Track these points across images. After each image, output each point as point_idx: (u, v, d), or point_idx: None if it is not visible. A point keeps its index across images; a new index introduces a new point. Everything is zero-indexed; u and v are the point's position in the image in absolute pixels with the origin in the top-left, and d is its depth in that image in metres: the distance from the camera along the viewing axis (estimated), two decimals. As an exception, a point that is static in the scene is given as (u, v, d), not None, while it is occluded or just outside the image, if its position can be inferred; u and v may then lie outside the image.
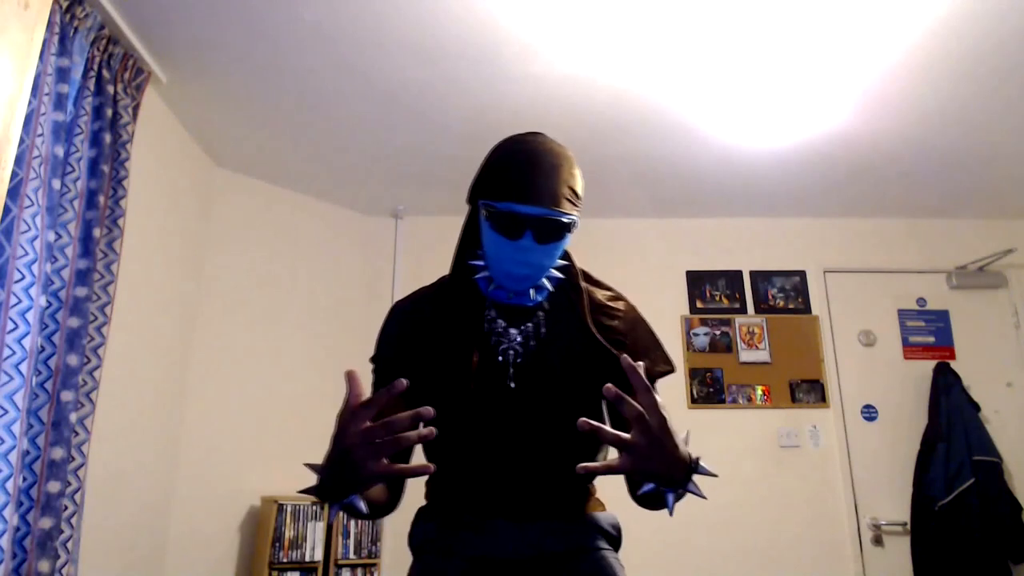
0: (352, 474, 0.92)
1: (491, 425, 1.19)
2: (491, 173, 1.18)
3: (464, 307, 1.24)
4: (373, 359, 1.30)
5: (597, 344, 1.21)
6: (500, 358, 1.20)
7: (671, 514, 1.01)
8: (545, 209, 1.13)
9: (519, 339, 1.22)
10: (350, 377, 0.93)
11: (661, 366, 1.26)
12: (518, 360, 1.20)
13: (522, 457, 1.19)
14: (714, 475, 0.98)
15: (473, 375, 1.19)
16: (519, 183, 1.13)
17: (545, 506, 1.21)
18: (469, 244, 1.26)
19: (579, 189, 1.19)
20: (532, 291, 1.22)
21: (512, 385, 1.19)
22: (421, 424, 0.91)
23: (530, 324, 1.23)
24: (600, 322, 1.25)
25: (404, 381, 0.87)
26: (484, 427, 1.20)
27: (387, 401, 0.90)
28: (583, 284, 1.27)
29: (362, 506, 0.97)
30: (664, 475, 0.95)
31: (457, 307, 1.24)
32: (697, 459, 0.98)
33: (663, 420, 0.92)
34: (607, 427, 0.91)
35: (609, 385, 0.90)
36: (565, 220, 1.15)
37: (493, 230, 1.16)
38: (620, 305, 1.30)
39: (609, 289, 1.33)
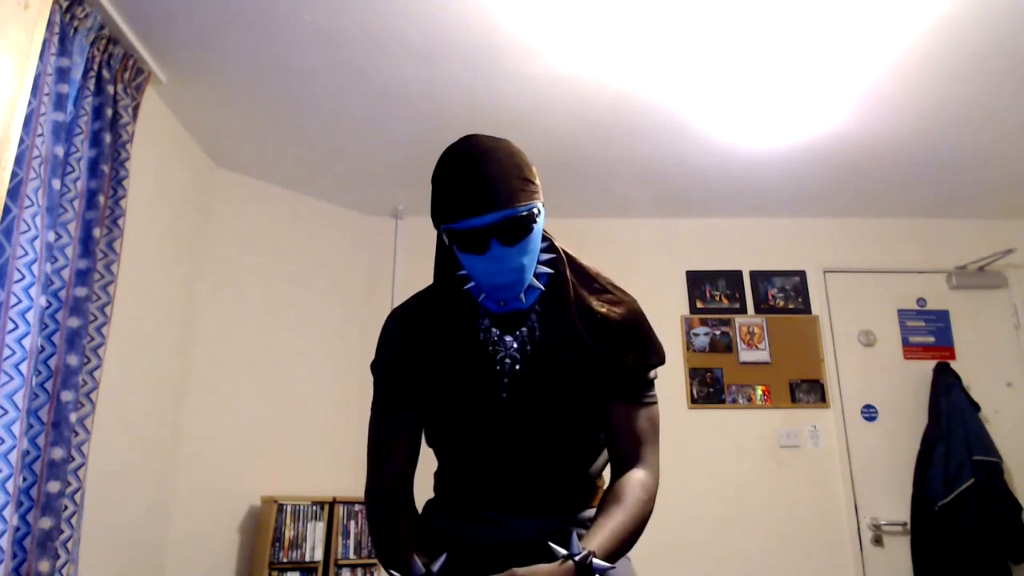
0: None
1: (490, 433, 1.21)
2: (436, 195, 1.14)
3: (457, 319, 1.23)
4: (374, 366, 1.29)
5: (587, 346, 1.20)
6: (497, 367, 1.20)
7: None
8: (498, 212, 1.08)
9: (515, 345, 1.21)
10: None
11: (652, 359, 1.23)
12: (516, 367, 1.20)
13: (521, 460, 1.21)
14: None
15: (471, 391, 1.20)
16: (462, 197, 1.08)
17: (542, 503, 1.22)
18: (449, 260, 1.23)
19: (529, 174, 1.13)
20: (522, 295, 1.20)
21: (504, 396, 1.19)
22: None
23: (524, 329, 1.22)
24: (591, 318, 1.21)
25: None
26: (484, 435, 1.21)
27: None
28: (570, 279, 1.23)
29: None
30: None
31: (451, 320, 1.23)
32: (590, 563, 0.99)
33: None
34: None
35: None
36: (523, 212, 1.10)
37: (460, 250, 1.13)
38: (611, 296, 1.24)
39: (601, 279, 1.27)
